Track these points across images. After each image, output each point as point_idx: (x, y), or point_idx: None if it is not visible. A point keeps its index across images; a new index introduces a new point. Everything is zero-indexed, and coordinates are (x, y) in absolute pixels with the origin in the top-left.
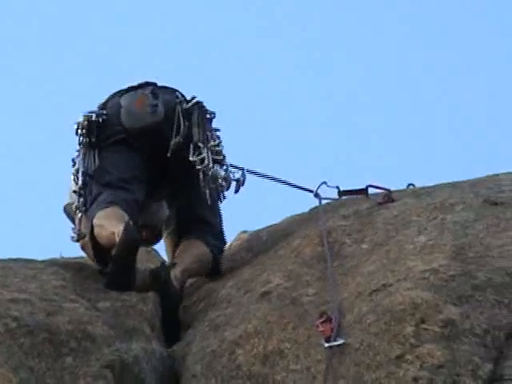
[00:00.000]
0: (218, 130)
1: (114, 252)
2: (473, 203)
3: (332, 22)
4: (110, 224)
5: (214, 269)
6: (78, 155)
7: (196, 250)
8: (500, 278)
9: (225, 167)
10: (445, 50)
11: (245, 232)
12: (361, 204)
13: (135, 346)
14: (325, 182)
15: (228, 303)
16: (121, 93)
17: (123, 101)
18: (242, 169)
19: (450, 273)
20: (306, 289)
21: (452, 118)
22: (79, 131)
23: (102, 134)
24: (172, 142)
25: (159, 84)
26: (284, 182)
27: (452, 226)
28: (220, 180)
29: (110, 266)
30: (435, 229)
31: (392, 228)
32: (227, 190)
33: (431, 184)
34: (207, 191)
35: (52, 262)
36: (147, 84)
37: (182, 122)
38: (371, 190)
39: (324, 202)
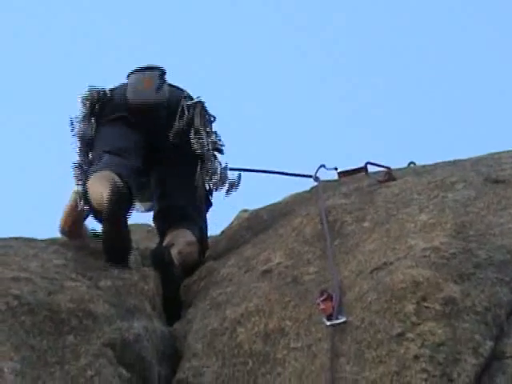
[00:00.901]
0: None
1: (103, 212)
2: (474, 181)
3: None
4: (101, 185)
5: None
6: (78, 124)
7: (187, 238)
8: (501, 256)
9: (223, 164)
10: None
11: (245, 211)
12: (361, 182)
13: (136, 324)
14: (323, 165)
15: (229, 282)
16: (128, 74)
17: (130, 79)
18: (240, 169)
19: (451, 251)
20: (307, 267)
21: (453, 96)
22: (85, 102)
23: (105, 109)
24: (175, 125)
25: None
26: (283, 173)
27: (453, 204)
28: (216, 176)
29: (101, 228)
30: (436, 207)
31: (393, 206)
32: (220, 188)
33: (432, 162)
34: (199, 183)
35: (53, 241)
36: (156, 68)
37: (185, 111)
38: (372, 169)
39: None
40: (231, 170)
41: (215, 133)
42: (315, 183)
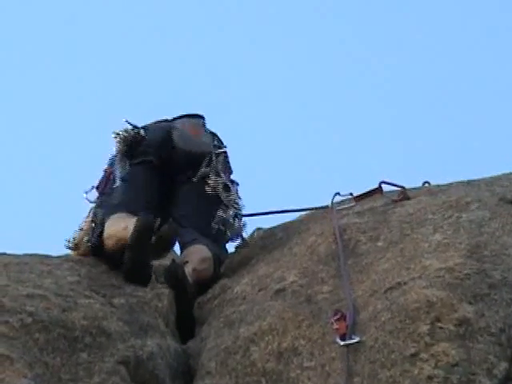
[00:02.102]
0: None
1: (128, 240)
2: (488, 201)
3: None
4: (123, 220)
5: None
6: (114, 159)
7: (202, 254)
8: None
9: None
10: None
11: (260, 229)
12: (376, 201)
13: (150, 342)
14: (338, 193)
15: (243, 300)
16: (163, 121)
17: (177, 124)
18: (256, 214)
19: (466, 271)
20: (321, 286)
21: (468, 116)
22: (118, 139)
23: (135, 150)
24: (202, 170)
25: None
26: (299, 210)
27: (467, 224)
28: (230, 230)
29: (126, 255)
30: (450, 227)
31: (407, 226)
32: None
33: (446, 182)
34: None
35: (67, 258)
36: (198, 116)
37: (214, 158)
38: (386, 188)
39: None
40: (246, 216)
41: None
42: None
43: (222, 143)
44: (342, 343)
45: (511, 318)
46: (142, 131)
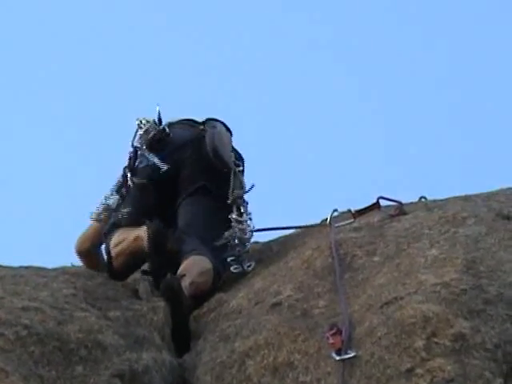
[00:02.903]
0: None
1: (147, 249)
2: (485, 217)
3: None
4: (132, 231)
5: (213, 288)
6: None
7: (202, 265)
8: (511, 293)
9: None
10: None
11: (256, 243)
12: (372, 216)
13: (145, 355)
14: (336, 210)
15: (238, 314)
16: (193, 121)
17: (216, 128)
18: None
19: (462, 287)
20: (317, 300)
21: (465, 131)
22: (144, 135)
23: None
24: (232, 195)
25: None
26: (298, 227)
27: (464, 239)
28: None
29: (150, 266)
30: (447, 242)
31: (403, 241)
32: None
33: (443, 197)
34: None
35: (63, 270)
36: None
37: (232, 180)
38: (383, 203)
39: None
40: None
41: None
42: (326, 214)
43: (240, 160)
44: (337, 358)
45: (507, 333)
46: (167, 128)
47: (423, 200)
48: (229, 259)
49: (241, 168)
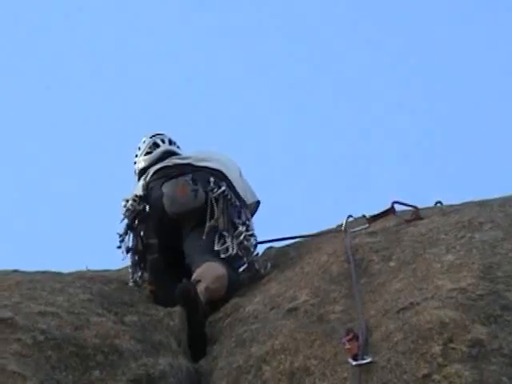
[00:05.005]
0: (247, 219)
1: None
2: (501, 222)
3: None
4: None
5: (227, 294)
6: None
7: (216, 272)
8: None
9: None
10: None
11: (271, 248)
12: (388, 221)
13: (162, 360)
14: (351, 215)
15: (254, 319)
16: (161, 179)
17: (165, 188)
18: (270, 240)
19: (478, 292)
20: (333, 306)
21: (481, 136)
22: (126, 214)
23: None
24: (207, 225)
25: (194, 163)
26: (314, 235)
27: (480, 244)
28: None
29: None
30: (463, 247)
31: (420, 246)
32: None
33: (459, 202)
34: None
35: (79, 275)
36: (184, 166)
37: (215, 208)
38: (399, 208)
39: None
40: (261, 243)
41: (243, 225)
42: (341, 219)
43: (221, 180)
44: (354, 363)
45: None
46: (147, 206)
47: (439, 205)
48: (241, 269)
49: (222, 189)
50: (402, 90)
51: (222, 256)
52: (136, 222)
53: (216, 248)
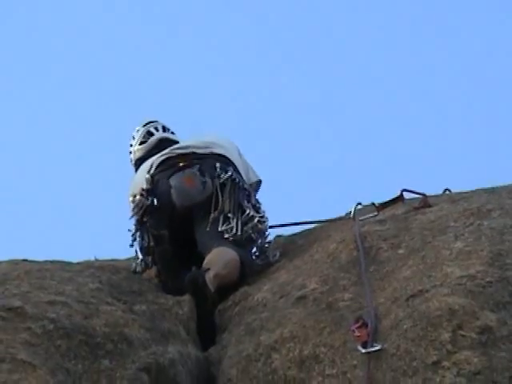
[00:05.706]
0: (258, 203)
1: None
2: (510, 209)
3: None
4: None
5: (241, 278)
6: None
7: (227, 257)
8: None
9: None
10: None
11: (280, 236)
12: (397, 209)
13: (171, 348)
14: (359, 203)
15: (264, 307)
16: (166, 171)
17: (172, 181)
18: (280, 225)
19: (487, 279)
20: (342, 293)
21: (489, 123)
22: (135, 209)
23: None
24: (211, 217)
25: (197, 151)
26: (322, 221)
27: (489, 232)
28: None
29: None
30: (472, 235)
31: (428, 233)
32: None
33: (468, 189)
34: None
35: (88, 265)
36: (188, 155)
37: (220, 197)
38: (408, 195)
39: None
40: (271, 227)
41: (252, 209)
42: (350, 207)
43: (227, 165)
44: (363, 351)
45: None
46: (155, 200)
47: (448, 192)
48: (253, 251)
49: (228, 174)
50: (413, 75)
51: (226, 236)
52: (144, 216)
53: (220, 229)
